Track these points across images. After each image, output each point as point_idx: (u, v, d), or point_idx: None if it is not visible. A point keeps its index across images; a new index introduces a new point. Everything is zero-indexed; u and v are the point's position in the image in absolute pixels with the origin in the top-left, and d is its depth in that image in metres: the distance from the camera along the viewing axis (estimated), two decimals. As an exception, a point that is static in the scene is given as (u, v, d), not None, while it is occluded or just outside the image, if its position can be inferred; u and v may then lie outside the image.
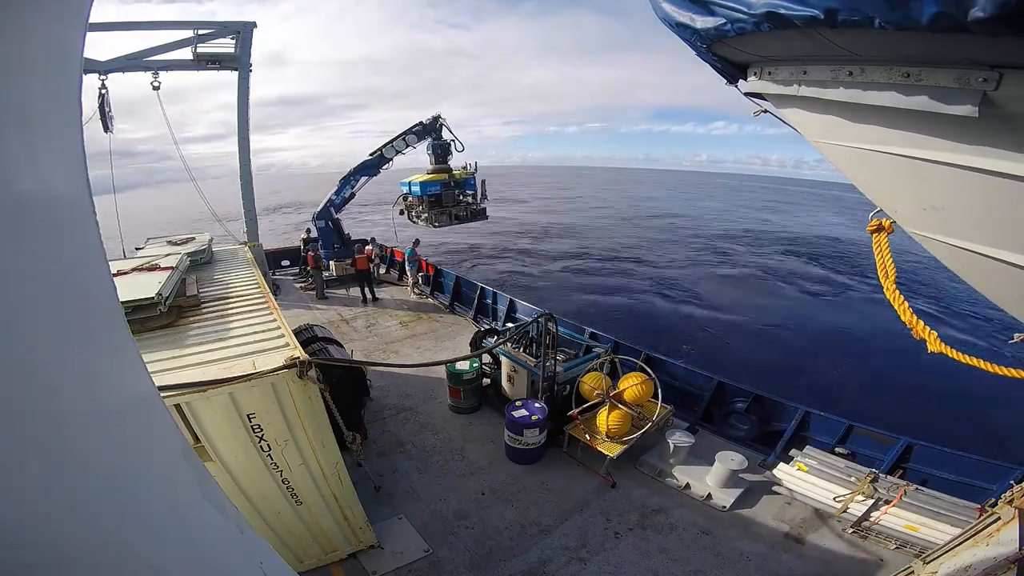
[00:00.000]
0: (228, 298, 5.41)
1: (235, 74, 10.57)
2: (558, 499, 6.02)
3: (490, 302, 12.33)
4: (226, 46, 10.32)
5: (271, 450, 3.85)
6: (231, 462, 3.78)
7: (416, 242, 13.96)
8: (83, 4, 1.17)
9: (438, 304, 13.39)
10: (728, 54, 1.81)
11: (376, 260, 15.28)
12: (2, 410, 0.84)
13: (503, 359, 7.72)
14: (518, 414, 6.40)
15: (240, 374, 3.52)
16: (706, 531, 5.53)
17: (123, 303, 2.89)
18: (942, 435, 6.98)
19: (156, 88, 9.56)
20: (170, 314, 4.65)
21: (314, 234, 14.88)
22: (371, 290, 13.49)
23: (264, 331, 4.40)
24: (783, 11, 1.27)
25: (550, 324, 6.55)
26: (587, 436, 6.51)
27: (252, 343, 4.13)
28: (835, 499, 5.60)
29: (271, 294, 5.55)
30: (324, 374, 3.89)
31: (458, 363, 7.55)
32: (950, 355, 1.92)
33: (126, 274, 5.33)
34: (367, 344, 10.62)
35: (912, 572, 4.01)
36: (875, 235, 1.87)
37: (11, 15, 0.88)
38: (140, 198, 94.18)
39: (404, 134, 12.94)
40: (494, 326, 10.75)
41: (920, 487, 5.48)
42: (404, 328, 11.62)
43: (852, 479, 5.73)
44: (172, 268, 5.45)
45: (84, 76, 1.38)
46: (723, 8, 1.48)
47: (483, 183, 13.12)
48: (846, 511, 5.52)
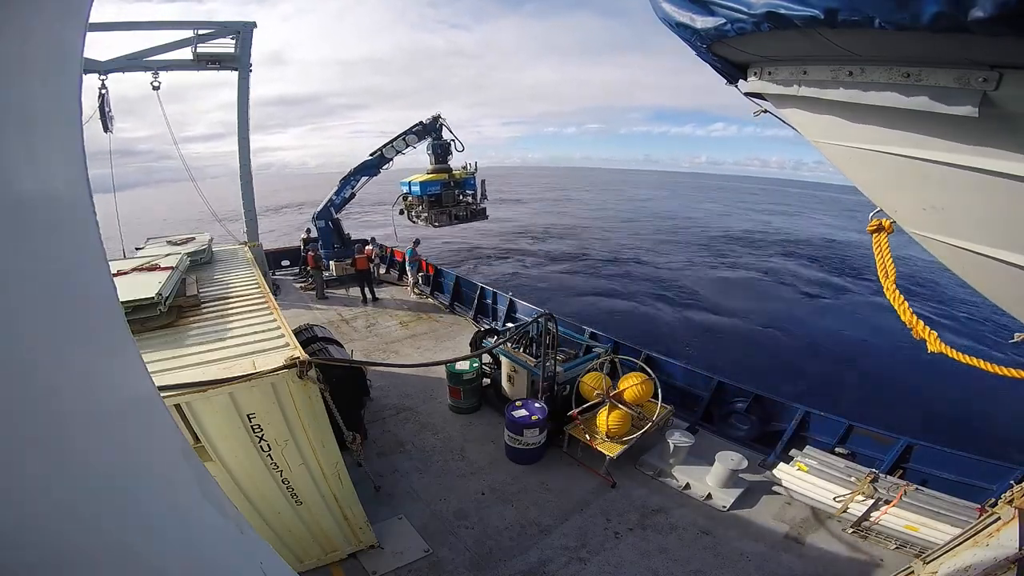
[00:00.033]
0: (228, 298, 5.41)
1: (235, 74, 10.58)
2: (558, 499, 6.02)
3: (490, 302, 12.33)
4: (226, 46, 10.32)
5: (271, 450, 3.85)
6: (231, 462, 3.78)
7: (416, 242, 13.96)
8: (83, 4, 1.17)
9: (438, 304, 13.39)
10: (728, 54, 1.81)
11: (376, 260, 15.29)
12: (2, 410, 0.84)
13: (503, 359, 7.72)
14: (518, 414, 6.40)
15: (240, 374, 3.52)
16: (706, 531, 5.53)
17: (123, 303, 2.89)
18: (942, 435, 6.98)
19: (156, 88, 9.57)
20: (170, 314, 4.65)
21: (314, 234, 14.89)
22: (371, 290, 13.50)
23: (264, 331, 4.40)
24: (783, 11, 1.27)
25: (550, 324, 6.55)
26: (587, 436, 6.51)
27: (252, 343, 4.14)
28: (835, 499, 5.60)
29: (271, 294, 5.55)
30: (324, 374, 3.89)
31: (458, 363, 7.55)
32: (950, 355, 1.92)
33: (126, 274, 5.33)
34: (367, 344, 10.61)
35: (912, 572, 4.01)
36: (875, 235, 1.87)
37: (11, 15, 0.88)
38: (139, 197, 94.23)
39: (404, 134, 12.95)
40: (494, 326, 10.75)
41: (920, 487, 5.48)
42: (404, 328, 11.62)
43: (852, 479, 5.73)
44: (172, 268, 5.45)
45: (84, 76, 1.38)
46: (723, 8, 1.48)
47: (483, 183, 13.13)
48: (846, 511, 5.52)
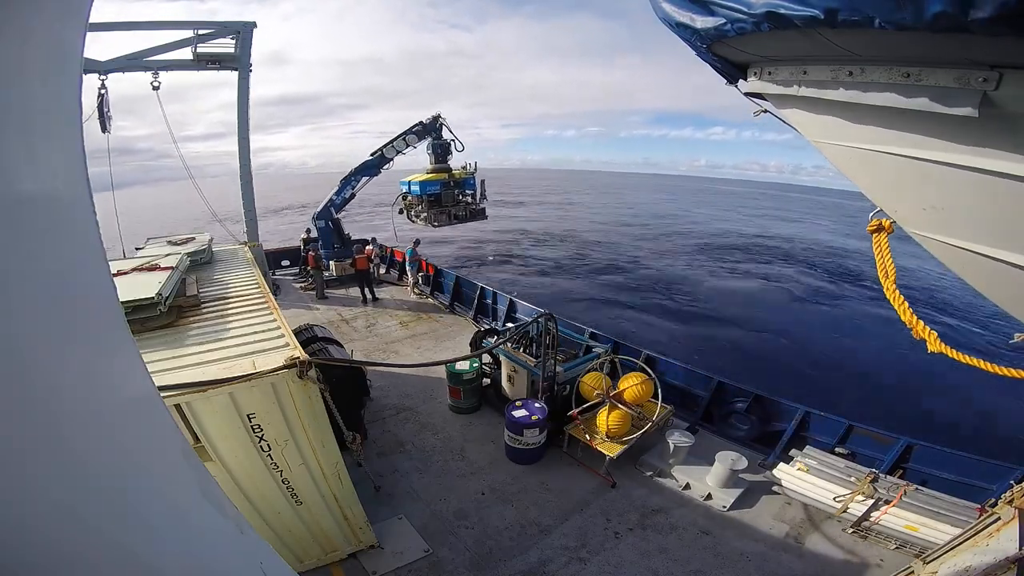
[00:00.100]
0: (228, 298, 5.41)
1: (235, 73, 10.57)
2: (558, 499, 6.01)
3: (490, 302, 12.32)
4: (226, 46, 10.31)
5: (271, 450, 3.85)
6: (231, 462, 3.78)
7: (416, 242, 13.97)
8: (83, 4, 1.17)
9: (438, 304, 13.39)
10: (728, 54, 1.81)
11: (376, 260, 15.29)
12: (2, 410, 0.84)
13: (503, 359, 7.72)
14: (518, 414, 6.40)
15: (240, 374, 3.52)
16: (706, 531, 5.53)
17: (123, 303, 2.89)
18: (942, 435, 6.98)
19: (156, 88, 9.56)
20: (170, 314, 4.65)
21: (314, 234, 14.90)
22: (371, 290, 13.49)
23: (264, 331, 4.40)
24: (783, 11, 1.27)
25: (550, 324, 6.55)
26: (587, 436, 6.51)
27: (252, 343, 4.14)
28: (835, 499, 5.60)
29: (271, 294, 5.55)
30: (324, 374, 3.89)
31: (458, 363, 7.55)
32: (950, 355, 1.92)
33: (126, 274, 5.33)
34: (367, 344, 10.61)
35: (912, 572, 4.01)
36: (875, 235, 1.87)
37: (11, 15, 0.88)
38: (138, 196, 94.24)
39: (404, 134, 12.97)
40: (494, 326, 10.75)
41: (920, 487, 5.48)
42: (404, 328, 11.62)
43: (852, 479, 5.73)
44: (172, 268, 5.45)
45: (84, 76, 1.38)
46: (723, 8, 1.48)
47: (482, 183, 13.13)
48: (846, 511, 5.52)
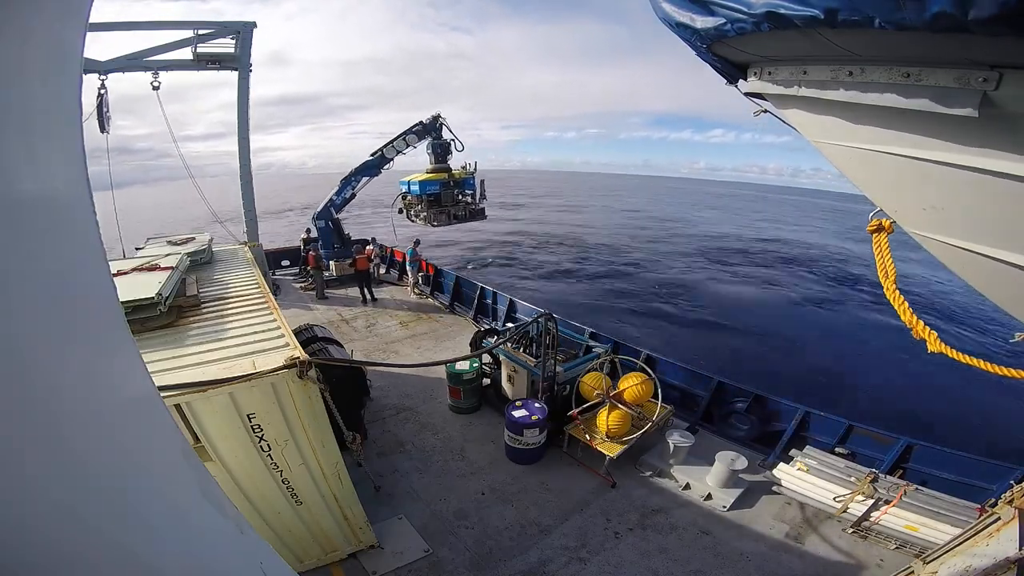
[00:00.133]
0: (228, 298, 5.41)
1: (235, 73, 10.57)
2: (558, 499, 6.01)
3: (490, 302, 12.32)
4: (226, 46, 10.31)
5: (271, 450, 3.85)
6: (231, 462, 3.78)
7: (417, 242, 13.97)
8: (83, 4, 1.17)
9: (438, 304, 13.39)
10: (728, 54, 1.81)
11: (376, 260, 15.28)
12: (2, 410, 0.84)
13: (503, 359, 7.72)
14: (518, 414, 6.40)
15: (240, 374, 3.52)
16: (706, 531, 5.53)
17: (123, 303, 2.89)
18: (942, 435, 6.98)
19: (156, 88, 9.56)
20: (170, 314, 4.65)
21: (314, 234, 14.91)
22: (369, 291, 13.48)
23: (264, 331, 4.40)
24: (783, 11, 1.27)
25: (550, 324, 6.55)
26: (587, 436, 6.51)
27: (252, 343, 4.13)
28: (835, 499, 5.60)
29: (271, 294, 5.55)
30: (324, 374, 3.89)
31: (458, 363, 7.55)
32: (950, 355, 1.92)
33: (126, 274, 5.33)
34: (367, 344, 10.61)
35: (912, 572, 4.01)
36: (875, 235, 1.87)
37: (11, 15, 0.88)
38: (138, 195, 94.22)
39: (404, 134, 12.98)
40: (494, 326, 10.75)
41: (920, 487, 5.48)
42: (404, 328, 11.62)
43: (852, 479, 5.73)
44: (172, 268, 5.45)
45: (84, 76, 1.38)
46: (723, 8, 1.48)
47: (482, 183, 13.14)
48: (846, 511, 5.52)
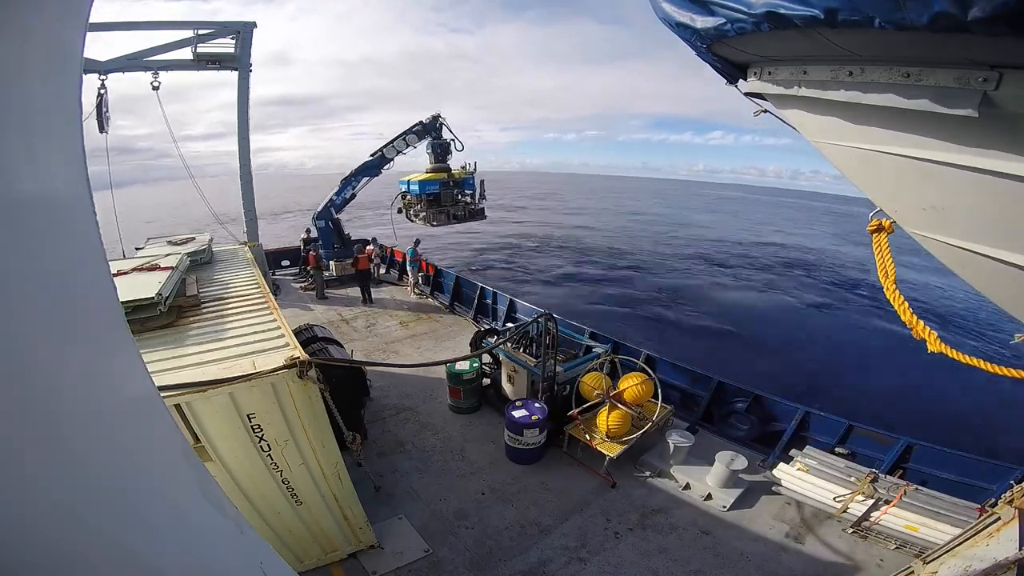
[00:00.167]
0: (228, 298, 5.41)
1: (235, 73, 10.56)
2: (558, 499, 6.01)
3: (490, 302, 12.32)
4: (226, 46, 10.29)
5: (271, 450, 3.85)
6: (231, 462, 3.78)
7: (417, 242, 13.97)
8: (83, 4, 1.17)
9: (438, 304, 13.39)
10: (728, 54, 1.81)
11: (376, 260, 15.28)
12: (2, 410, 0.84)
13: (503, 359, 7.72)
14: (518, 414, 6.40)
15: (240, 374, 3.52)
16: (706, 531, 5.53)
17: (123, 303, 2.89)
18: (942, 435, 6.98)
19: (156, 88, 9.56)
20: (170, 314, 4.65)
21: (314, 234, 14.91)
22: (368, 292, 13.45)
23: (264, 331, 4.40)
24: (783, 11, 1.28)
25: (550, 324, 6.55)
26: (587, 436, 6.51)
27: (252, 343, 4.13)
28: (835, 499, 5.60)
29: (271, 294, 5.55)
30: (324, 374, 3.89)
31: (458, 363, 7.55)
32: (950, 355, 1.92)
33: (126, 274, 5.33)
34: (367, 344, 10.61)
35: (912, 572, 4.01)
36: (875, 235, 1.87)
37: (11, 15, 0.88)
38: (138, 195, 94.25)
39: (404, 134, 12.99)
40: (494, 326, 10.75)
41: (920, 487, 5.48)
42: (404, 328, 11.62)
43: (852, 479, 5.73)
44: (172, 268, 5.45)
45: (84, 76, 1.38)
46: (723, 8, 1.48)
47: (482, 183, 13.14)
48: (846, 511, 5.52)
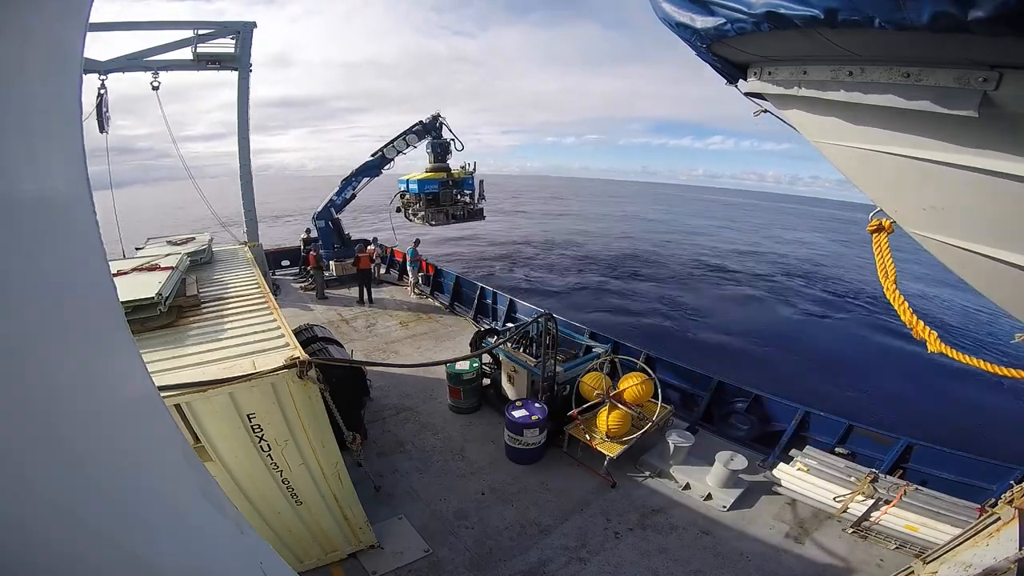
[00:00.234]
0: (228, 298, 5.41)
1: (235, 73, 10.57)
2: (558, 499, 6.01)
3: (490, 302, 12.32)
4: (226, 46, 10.29)
5: (271, 450, 3.85)
6: (231, 462, 3.78)
7: (417, 242, 13.97)
8: (83, 4, 1.17)
9: (438, 304, 13.39)
10: (728, 54, 1.81)
11: (377, 260, 15.30)
12: (2, 410, 0.84)
13: (503, 359, 7.72)
14: (518, 414, 6.40)
15: (240, 374, 3.52)
16: (706, 531, 5.53)
17: (123, 303, 2.89)
18: (942, 435, 6.98)
19: (156, 88, 9.55)
20: (170, 314, 4.65)
21: (314, 234, 14.92)
22: (368, 292, 13.46)
23: (264, 331, 4.40)
24: (783, 11, 1.27)
25: (550, 324, 6.55)
26: (587, 436, 6.51)
27: (252, 343, 4.13)
28: (835, 499, 5.60)
29: (271, 294, 5.55)
30: (324, 374, 3.88)
31: (458, 363, 7.55)
32: (950, 355, 1.92)
33: (126, 274, 5.33)
34: (367, 344, 10.61)
35: (912, 572, 4.01)
36: (875, 235, 1.87)
37: (11, 15, 0.88)
38: (138, 195, 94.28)
39: (404, 133, 13.02)
40: (494, 326, 10.75)
41: (920, 487, 5.48)
42: (404, 328, 11.62)
43: (852, 479, 5.73)
44: (172, 268, 5.45)
45: (84, 76, 1.38)
46: (723, 8, 1.48)
47: (481, 183, 13.16)
48: (846, 511, 5.52)
